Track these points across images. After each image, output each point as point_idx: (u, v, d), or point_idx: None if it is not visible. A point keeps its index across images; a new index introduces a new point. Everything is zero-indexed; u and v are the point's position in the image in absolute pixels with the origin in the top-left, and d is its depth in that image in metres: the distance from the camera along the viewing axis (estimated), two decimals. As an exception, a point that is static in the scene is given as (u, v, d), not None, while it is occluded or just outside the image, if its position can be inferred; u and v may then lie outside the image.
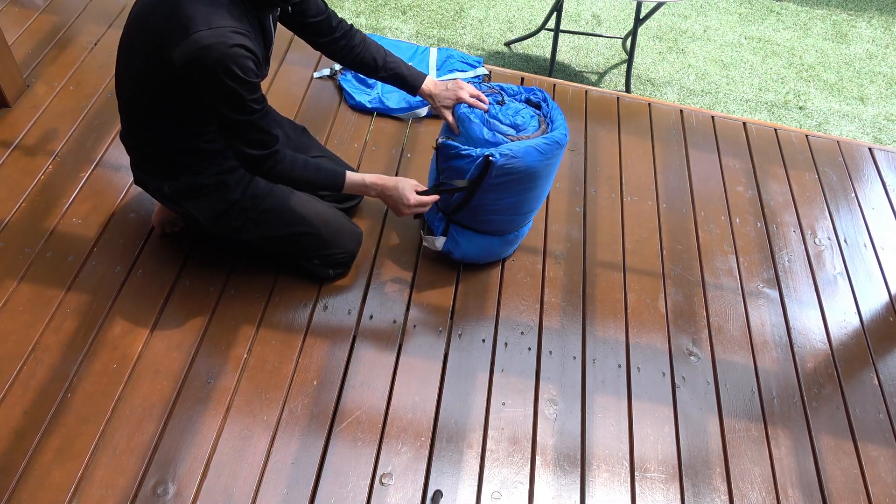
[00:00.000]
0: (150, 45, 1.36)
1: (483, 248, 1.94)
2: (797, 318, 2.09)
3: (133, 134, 1.58)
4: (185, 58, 1.29)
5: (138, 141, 1.58)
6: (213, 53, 1.28)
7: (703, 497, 1.68)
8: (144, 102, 1.47)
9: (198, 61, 1.29)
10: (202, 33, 1.28)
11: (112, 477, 1.50)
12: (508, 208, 1.82)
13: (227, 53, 1.28)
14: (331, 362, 1.75)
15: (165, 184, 1.60)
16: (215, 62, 1.28)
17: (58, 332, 1.69)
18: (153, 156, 1.59)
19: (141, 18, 1.39)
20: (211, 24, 1.29)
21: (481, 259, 1.99)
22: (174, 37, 1.30)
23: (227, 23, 1.30)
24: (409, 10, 3.51)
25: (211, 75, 1.30)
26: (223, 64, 1.29)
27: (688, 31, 3.76)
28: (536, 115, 1.82)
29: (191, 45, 1.28)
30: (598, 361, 1.88)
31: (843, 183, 2.54)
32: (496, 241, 1.94)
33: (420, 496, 1.58)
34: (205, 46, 1.27)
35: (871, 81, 3.65)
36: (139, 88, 1.46)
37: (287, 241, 1.76)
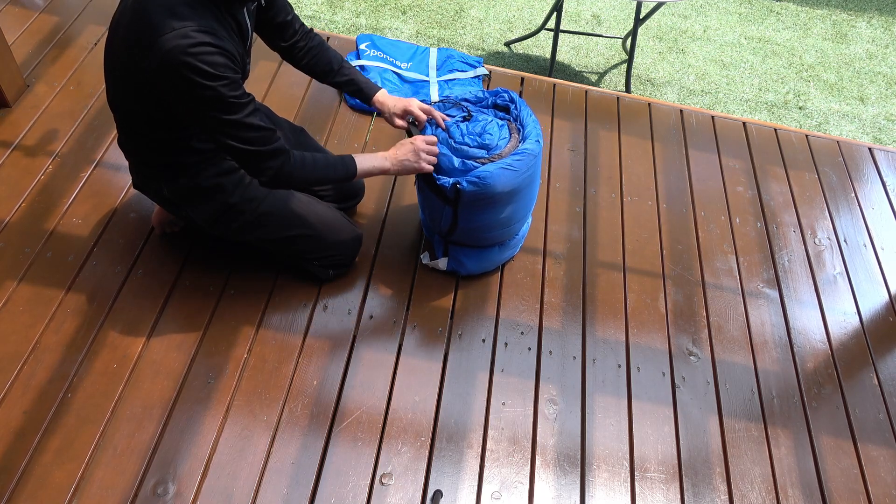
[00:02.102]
0: (124, 54, 1.36)
1: (486, 258, 1.95)
2: (797, 318, 2.09)
3: (128, 139, 1.58)
4: (154, 65, 1.28)
5: (134, 145, 1.58)
6: (177, 55, 1.25)
7: (703, 497, 1.68)
8: (131, 108, 1.47)
9: (166, 66, 1.26)
10: (165, 37, 1.25)
11: (112, 477, 1.50)
12: (498, 223, 1.81)
13: (190, 52, 1.25)
14: (331, 362, 1.75)
15: (164, 186, 1.60)
16: (181, 64, 1.26)
17: (58, 332, 1.69)
18: (150, 159, 1.58)
19: (115, 27, 1.39)
20: (174, 26, 1.26)
21: (488, 269, 1.99)
22: (142, 45, 1.29)
23: (188, 23, 1.27)
24: (409, 10, 3.50)
25: (182, 78, 1.27)
26: (189, 63, 1.26)
27: (688, 31, 3.76)
28: (505, 123, 1.78)
29: (156, 51, 1.26)
30: (598, 361, 1.88)
31: (843, 183, 2.54)
32: (498, 250, 1.95)
33: (420, 496, 1.58)
34: (169, 50, 1.25)
35: (871, 81, 3.65)
36: (123, 95, 1.45)
37: (286, 243, 1.76)
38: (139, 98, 1.41)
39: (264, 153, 1.43)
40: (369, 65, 2.53)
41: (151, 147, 1.55)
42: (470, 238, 1.87)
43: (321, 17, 3.35)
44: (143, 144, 1.55)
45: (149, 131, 1.51)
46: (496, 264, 2.00)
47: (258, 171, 1.46)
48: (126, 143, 1.60)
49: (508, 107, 1.83)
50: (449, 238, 1.89)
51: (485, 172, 1.66)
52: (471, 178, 1.66)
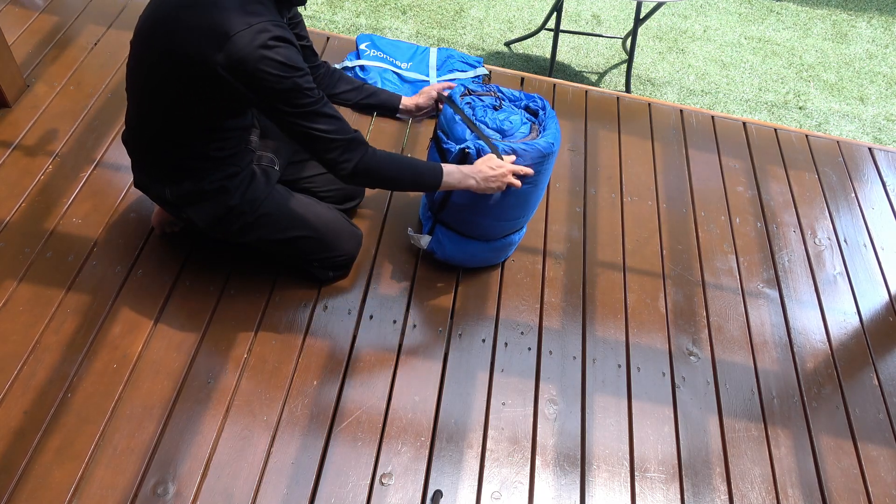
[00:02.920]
0: (177, 52, 1.34)
1: (468, 252, 1.92)
2: (797, 318, 2.09)
3: (140, 137, 1.56)
4: (228, 60, 1.29)
5: (145, 145, 1.57)
6: (257, 50, 1.27)
7: (703, 497, 1.68)
8: (162, 108, 1.46)
9: (244, 62, 1.28)
10: (242, 33, 1.28)
11: (112, 477, 1.50)
12: (490, 211, 1.78)
13: (269, 46, 1.29)
14: (331, 362, 1.75)
15: (168, 189, 1.59)
16: (261, 58, 1.28)
17: (58, 332, 1.69)
18: (160, 161, 1.58)
19: (166, 23, 1.36)
20: (250, 22, 1.29)
21: (466, 263, 1.98)
22: (211, 42, 1.29)
23: (262, 18, 1.30)
24: (409, 10, 3.51)
25: (262, 72, 1.29)
26: (269, 57, 1.29)
27: (688, 31, 3.76)
28: (530, 122, 1.80)
29: (233, 46, 1.28)
30: (598, 361, 1.88)
31: (843, 183, 2.54)
32: (481, 246, 1.91)
33: (420, 496, 1.58)
34: (247, 44, 1.27)
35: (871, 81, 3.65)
36: (159, 93, 1.43)
37: (287, 245, 1.76)
38: (179, 98, 1.41)
39: (341, 142, 1.44)
40: (369, 65, 2.53)
41: (165, 150, 1.54)
42: (458, 221, 1.85)
43: (321, 17, 3.35)
44: (157, 146, 1.54)
45: (169, 134, 1.50)
46: (477, 262, 1.97)
47: (336, 163, 1.46)
48: (137, 142, 1.59)
49: (538, 112, 1.84)
50: (439, 214, 1.87)
51: (495, 145, 1.68)
52: (480, 145, 1.67)
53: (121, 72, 2.34)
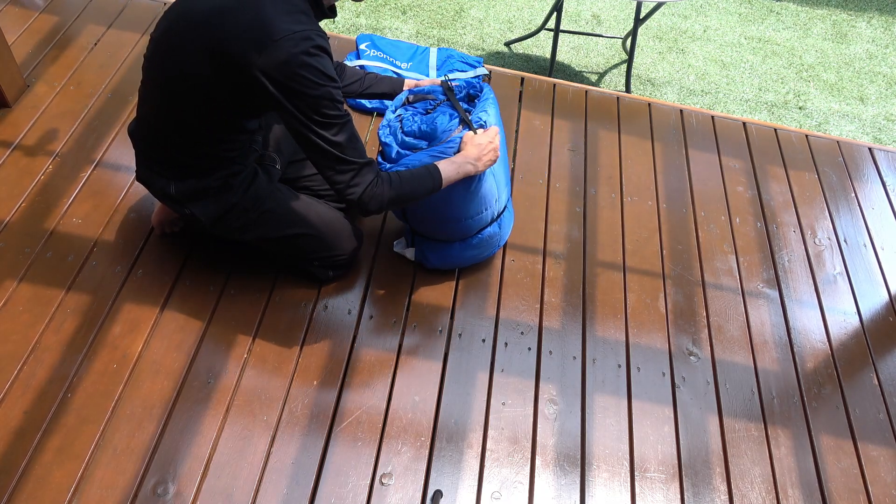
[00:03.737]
0: (215, 51, 1.34)
1: (452, 255, 1.91)
2: (797, 318, 2.09)
3: (150, 132, 1.56)
4: (268, 63, 1.30)
5: (154, 140, 1.57)
6: (299, 56, 1.30)
7: (703, 497, 1.68)
8: (183, 106, 1.46)
9: (284, 65, 1.30)
10: (287, 38, 1.29)
11: (112, 477, 1.50)
12: (445, 216, 1.77)
13: (311, 53, 1.31)
14: (331, 362, 1.75)
15: (172, 184, 1.60)
16: (302, 65, 1.30)
17: (58, 332, 1.69)
18: (167, 157, 1.58)
19: (202, 23, 1.36)
20: (294, 29, 1.31)
21: (457, 265, 1.97)
22: (254, 44, 1.30)
23: (306, 27, 1.32)
24: (409, 10, 3.51)
25: (299, 78, 1.31)
26: (310, 64, 1.31)
27: (688, 31, 3.76)
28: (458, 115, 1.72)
29: (277, 50, 1.29)
30: (598, 361, 1.88)
31: (843, 183, 2.54)
32: (461, 246, 1.88)
33: (420, 496, 1.58)
34: (290, 50, 1.29)
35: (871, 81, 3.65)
36: (184, 94, 1.43)
37: (287, 243, 1.76)
38: (205, 98, 1.41)
39: (355, 165, 1.44)
40: (369, 65, 2.53)
41: (176, 147, 1.54)
42: (427, 229, 1.85)
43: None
44: (168, 142, 1.54)
45: (184, 132, 1.50)
46: (463, 261, 1.95)
47: (347, 186, 1.45)
48: (146, 136, 1.58)
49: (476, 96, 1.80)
50: (410, 225, 1.88)
51: (408, 161, 1.64)
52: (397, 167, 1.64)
53: (121, 72, 2.34)
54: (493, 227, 1.88)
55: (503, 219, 1.91)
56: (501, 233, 1.93)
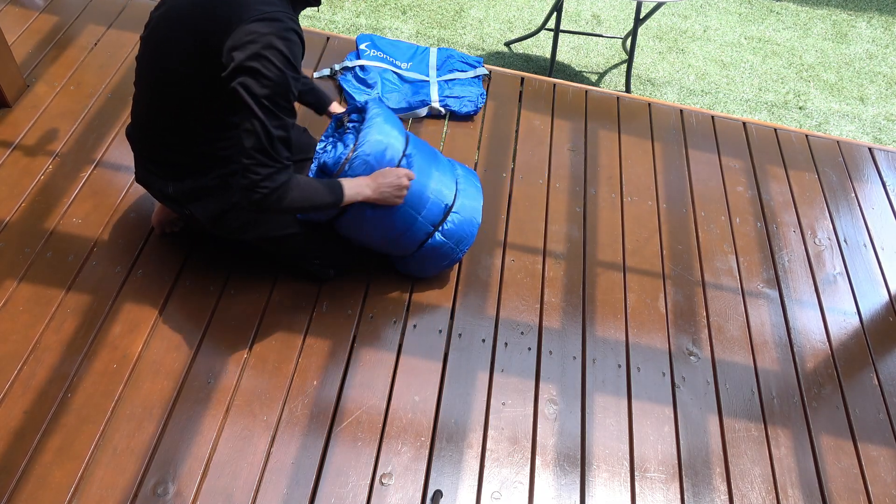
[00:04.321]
0: (194, 39, 1.34)
1: (411, 265, 1.90)
2: (797, 318, 2.09)
3: (146, 133, 1.57)
4: (238, 43, 1.27)
5: (150, 140, 1.57)
6: (270, 37, 1.27)
7: (703, 497, 1.68)
8: (173, 103, 1.46)
9: (253, 45, 1.27)
10: (259, 20, 1.28)
11: (112, 477, 1.50)
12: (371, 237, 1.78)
13: (285, 38, 1.28)
14: (331, 362, 1.75)
15: (170, 185, 1.60)
16: (272, 46, 1.27)
17: (58, 332, 1.69)
18: (164, 157, 1.58)
19: (179, 14, 1.37)
20: (265, 10, 1.29)
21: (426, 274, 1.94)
22: (228, 25, 1.29)
23: (280, 8, 1.31)
24: (409, 10, 3.51)
25: (266, 61, 1.27)
26: (281, 48, 1.27)
27: (688, 31, 3.76)
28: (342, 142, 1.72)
29: (247, 29, 1.27)
30: (598, 361, 1.88)
31: (843, 183, 2.54)
32: (415, 258, 1.85)
33: (420, 496, 1.58)
34: (262, 32, 1.27)
35: (871, 81, 3.65)
36: (172, 88, 1.43)
37: (287, 242, 1.75)
38: (190, 92, 1.40)
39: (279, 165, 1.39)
40: (369, 65, 2.53)
41: (171, 146, 1.54)
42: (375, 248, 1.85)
43: (321, 17, 3.35)
44: (163, 142, 1.54)
45: (177, 131, 1.50)
46: (425, 271, 1.93)
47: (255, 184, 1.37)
48: (142, 137, 1.58)
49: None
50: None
51: None
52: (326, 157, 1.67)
53: (121, 72, 2.34)
54: (437, 238, 1.81)
55: (448, 228, 1.81)
56: (454, 240, 1.83)
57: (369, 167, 1.66)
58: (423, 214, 1.76)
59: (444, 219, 1.81)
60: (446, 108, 2.44)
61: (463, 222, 1.84)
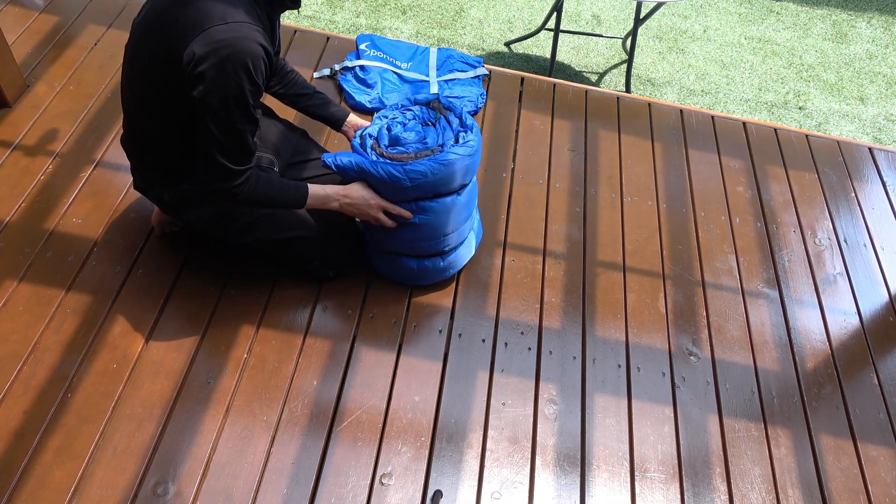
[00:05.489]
0: (160, 45, 1.32)
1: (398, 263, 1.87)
2: (797, 318, 2.09)
3: (136, 140, 1.57)
4: (196, 52, 1.24)
5: (141, 148, 1.57)
6: (228, 48, 1.23)
7: (703, 497, 1.68)
8: (150, 108, 1.45)
9: (211, 55, 1.24)
10: (218, 27, 1.24)
11: (112, 477, 1.50)
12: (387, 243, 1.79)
13: (243, 49, 1.24)
14: (331, 362, 1.75)
15: (166, 191, 1.60)
16: (229, 56, 1.24)
17: (58, 332, 1.69)
18: (155, 164, 1.58)
19: (150, 21, 1.36)
20: (227, 19, 1.25)
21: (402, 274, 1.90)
22: (187, 32, 1.26)
23: (244, 18, 1.26)
24: (409, 10, 3.51)
25: (221, 71, 1.25)
26: (239, 59, 1.24)
27: (688, 31, 3.76)
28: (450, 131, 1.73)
29: (205, 38, 1.24)
30: (598, 361, 1.88)
31: (843, 183, 2.54)
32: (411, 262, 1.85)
33: (420, 496, 1.58)
34: (220, 40, 1.23)
35: (871, 81, 3.65)
36: (145, 92, 1.43)
37: (286, 245, 1.75)
38: (162, 96, 1.39)
39: (233, 172, 1.41)
40: (369, 65, 2.53)
41: (158, 152, 1.54)
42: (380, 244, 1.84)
43: (321, 17, 3.35)
44: (151, 148, 1.54)
45: (160, 135, 1.49)
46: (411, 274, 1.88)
47: (216, 177, 1.41)
48: (132, 144, 1.59)
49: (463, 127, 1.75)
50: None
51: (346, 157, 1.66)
52: (329, 156, 1.68)
53: (121, 72, 2.34)
54: (437, 261, 1.85)
55: (450, 256, 1.87)
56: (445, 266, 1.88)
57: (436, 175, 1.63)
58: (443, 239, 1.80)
59: (451, 249, 1.86)
60: (446, 108, 2.44)
61: (463, 252, 1.91)
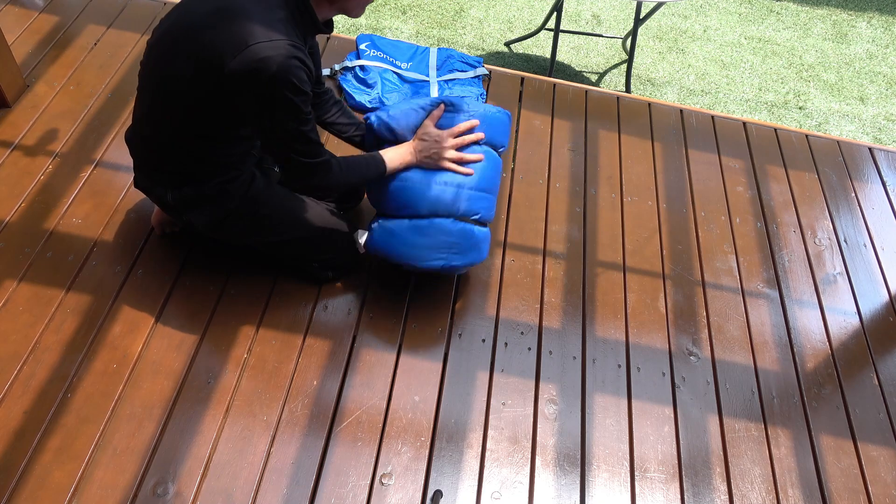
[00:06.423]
0: (199, 56, 1.35)
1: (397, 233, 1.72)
2: (797, 318, 2.09)
3: (150, 143, 1.56)
4: (242, 69, 1.31)
5: (155, 150, 1.57)
6: (272, 65, 1.30)
7: (703, 497, 1.68)
8: (175, 113, 1.46)
9: (256, 73, 1.30)
10: (262, 45, 1.30)
11: (112, 477, 1.50)
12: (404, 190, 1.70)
13: (286, 65, 1.31)
14: (331, 362, 1.75)
15: (169, 192, 1.60)
16: (275, 74, 1.31)
17: (58, 332, 1.69)
18: (165, 166, 1.58)
19: (187, 28, 1.38)
20: (270, 36, 1.31)
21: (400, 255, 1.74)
22: (230, 49, 1.31)
23: (283, 37, 1.33)
24: (409, 10, 3.51)
25: (269, 87, 1.32)
26: (283, 75, 1.31)
27: (688, 31, 3.76)
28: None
29: (249, 56, 1.30)
30: (598, 361, 1.88)
31: (843, 183, 2.54)
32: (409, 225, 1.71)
33: (420, 496, 1.58)
34: (264, 58, 1.29)
35: (871, 81, 3.65)
36: (173, 98, 1.44)
37: (287, 246, 1.76)
38: (193, 104, 1.42)
39: (314, 165, 1.50)
40: (369, 65, 2.53)
41: (170, 155, 1.54)
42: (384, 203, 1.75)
43: (321, 17, 3.34)
44: (164, 151, 1.54)
45: (178, 140, 1.50)
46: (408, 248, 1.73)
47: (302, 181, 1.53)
48: (141, 145, 1.58)
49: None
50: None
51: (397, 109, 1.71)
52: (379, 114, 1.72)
53: (121, 72, 2.34)
54: (449, 222, 1.72)
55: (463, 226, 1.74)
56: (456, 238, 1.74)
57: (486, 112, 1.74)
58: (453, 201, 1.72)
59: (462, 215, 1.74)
60: (446, 108, 2.44)
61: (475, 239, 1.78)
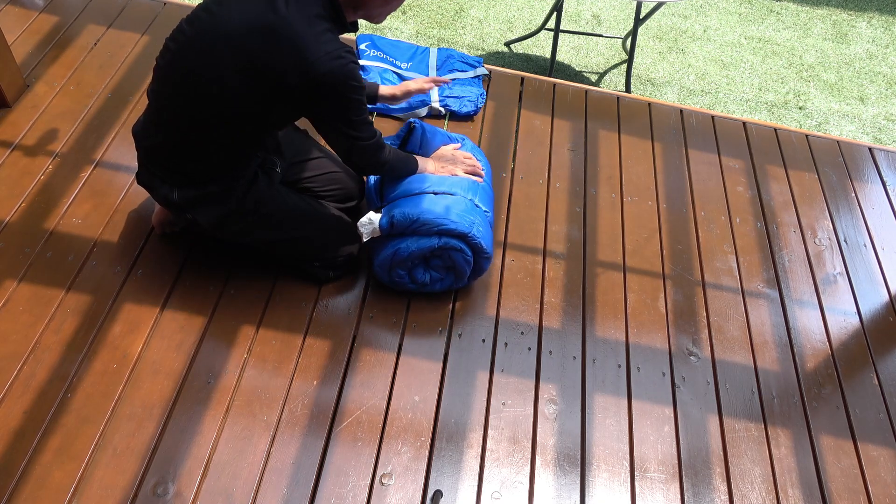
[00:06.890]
0: (251, 73, 1.40)
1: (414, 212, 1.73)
2: (797, 318, 2.09)
3: (161, 139, 1.56)
4: (305, 80, 1.40)
5: (164, 147, 1.56)
6: (337, 74, 1.41)
7: (703, 497, 1.68)
8: (203, 119, 1.47)
9: (323, 83, 1.41)
10: (322, 59, 1.38)
11: (112, 477, 1.50)
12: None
13: (346, 72, 1.43)
14: (331, 362, 1.75)
15: (175, 191, 1.60)
16: (339, 83, 1.43)
17: (58, 332, 1.69)
18: (173, 164, 1.58)
19: (226, 40, 1.39)
20: (327, 50, 1.39)
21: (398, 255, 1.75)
22: (292, 68, 1.39)
23: (336, 45, 1.42)
24: (409, 10, 3.51)
25: (338, 91, 1.45)
26: (349, 82, 1.44)
27: (688, 31, 3.76)
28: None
29: (314, 69, 1.39)
30: (598, 361, 1.88)
31: (843, 183, 2.54)
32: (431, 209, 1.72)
33: (420, 496, 1.58)
34: (329, 70, 1.40)
35: (871, 81, 3.65)
36: (206, 105, 1.45)
37: (288, 245, 1.76)
38: (231, 111, 1.45)
39: (374, 146, 1.64)
40: (369, 65, 2.53)
41: (187, 156, 1.55)
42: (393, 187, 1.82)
43: (321, 17, 3.34)
44: (180, 152, 1.55)
45: (200, 143, 1.52)
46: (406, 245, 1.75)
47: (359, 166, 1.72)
48: (155, 145, 1.58)
49: None
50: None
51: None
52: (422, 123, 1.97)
53: (121, 72, 2.34)
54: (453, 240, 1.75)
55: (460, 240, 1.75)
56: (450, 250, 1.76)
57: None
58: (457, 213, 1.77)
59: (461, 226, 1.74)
60: (446, 108, 2.44)
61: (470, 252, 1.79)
